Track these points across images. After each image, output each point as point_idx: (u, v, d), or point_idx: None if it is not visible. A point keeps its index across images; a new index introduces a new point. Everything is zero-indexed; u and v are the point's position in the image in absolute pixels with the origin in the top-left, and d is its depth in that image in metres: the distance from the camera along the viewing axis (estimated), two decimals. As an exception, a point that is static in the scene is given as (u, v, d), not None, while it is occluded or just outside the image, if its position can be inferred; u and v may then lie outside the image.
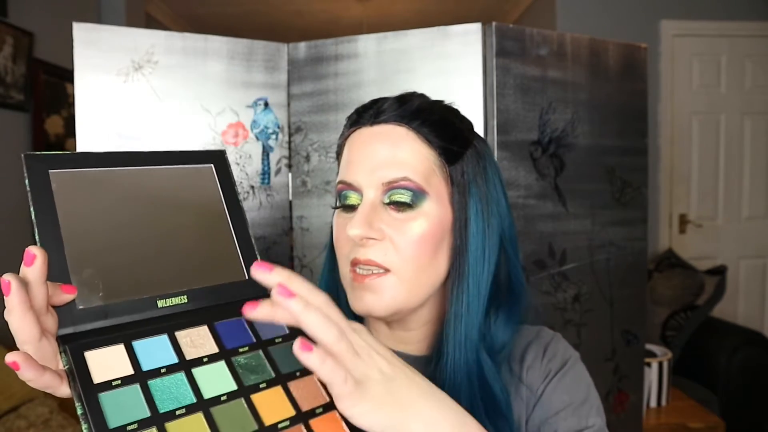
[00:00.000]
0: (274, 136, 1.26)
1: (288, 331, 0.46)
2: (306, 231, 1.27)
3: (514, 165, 1.20)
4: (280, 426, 0.40)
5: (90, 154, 0.45)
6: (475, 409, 0.57)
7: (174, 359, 0.41)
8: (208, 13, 4.19)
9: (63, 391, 0.39)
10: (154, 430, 0.36)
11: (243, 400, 0.40)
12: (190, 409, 0.38)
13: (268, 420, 0.40)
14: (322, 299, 0.40)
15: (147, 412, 0.37)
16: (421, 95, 0.64)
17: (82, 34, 1.13)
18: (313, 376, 0.44)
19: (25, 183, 0.41)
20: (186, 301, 0.44)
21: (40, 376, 0.37)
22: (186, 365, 0.41)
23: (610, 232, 1.34)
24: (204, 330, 0.44)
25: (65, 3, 2.72)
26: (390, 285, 0.58)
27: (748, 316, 3.07)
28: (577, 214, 1.28)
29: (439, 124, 0.60)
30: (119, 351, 0.40)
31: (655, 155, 3.01)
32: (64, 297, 0.39)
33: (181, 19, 4.28)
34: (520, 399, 0.62)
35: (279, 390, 0.42)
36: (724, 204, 3.15)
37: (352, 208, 0.61)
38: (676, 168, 3.13)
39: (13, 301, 0.36)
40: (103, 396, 0.37)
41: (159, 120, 1.18)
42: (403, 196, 0.58)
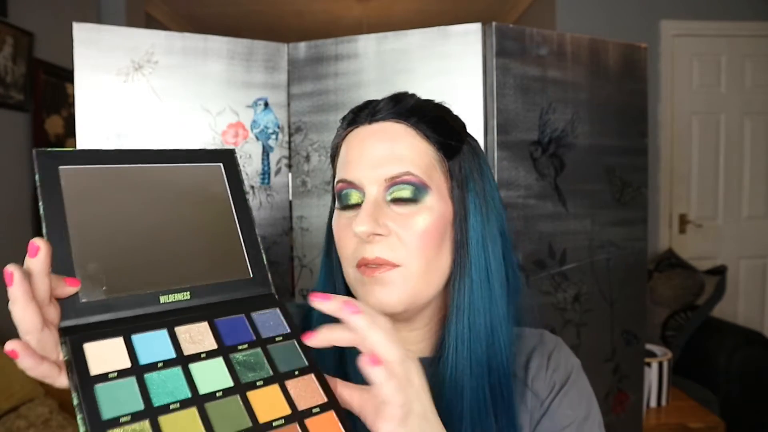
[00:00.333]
0: (274, 136, 1.27)
1: (289, 330, 0.46)
2: (306, 231, 1.27)
3: (514, 165, 1.20)
4: (274, 424, 0.40)
5: (100, 151, 0.46)
6: (480, 405, 0.57)
7: (172, 354, 0.41)
8: (208, 13, 4.19)
9: (61, 381, 0.39)
10: (146, 423, 0.36)
11: (238, 396, 0.40)
12: (184, 404, 0.38)
13: (263, 418, 0.40)
14: (386, 320, 0.43)
15: (141, 405, 0.37)
16: (413, 95, 0.64)
17: (82, 34, 1.13)
18: (312, 375, 0.44)
19: (35, 178, 0.42)
20: (189, 297, 0.45)
21: (38, 365, 0.38)
22: (183, 360, 0.41)
23: (610, 232, 1.34)
24: (204, 326, 0.44)
25: (65, 3, 2.72)
26: (401, 278, 0.58)
27: (748, 316, 3.07)
28: (577, 214, 1.28)
29: (436, 121, 0.61)
30: (118, 344, 0.40)
31: (655, 155, 3.01)
32: (67, 290, 0.40)
33: (181, 19, 4.28)
34: (525, 405, 0.62)
35: (276, 388, 0.42)
36: (724, 204, 3.15)
37: (354, 207, 0.60)
38: (676, 168, 3.13)
39: (16, 291, 0.36)
40: (98, 387, 0.37)
41: (159, 120, 1.18)
42: (406, 192, 0.58)
